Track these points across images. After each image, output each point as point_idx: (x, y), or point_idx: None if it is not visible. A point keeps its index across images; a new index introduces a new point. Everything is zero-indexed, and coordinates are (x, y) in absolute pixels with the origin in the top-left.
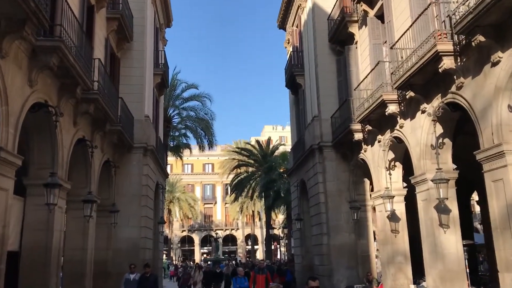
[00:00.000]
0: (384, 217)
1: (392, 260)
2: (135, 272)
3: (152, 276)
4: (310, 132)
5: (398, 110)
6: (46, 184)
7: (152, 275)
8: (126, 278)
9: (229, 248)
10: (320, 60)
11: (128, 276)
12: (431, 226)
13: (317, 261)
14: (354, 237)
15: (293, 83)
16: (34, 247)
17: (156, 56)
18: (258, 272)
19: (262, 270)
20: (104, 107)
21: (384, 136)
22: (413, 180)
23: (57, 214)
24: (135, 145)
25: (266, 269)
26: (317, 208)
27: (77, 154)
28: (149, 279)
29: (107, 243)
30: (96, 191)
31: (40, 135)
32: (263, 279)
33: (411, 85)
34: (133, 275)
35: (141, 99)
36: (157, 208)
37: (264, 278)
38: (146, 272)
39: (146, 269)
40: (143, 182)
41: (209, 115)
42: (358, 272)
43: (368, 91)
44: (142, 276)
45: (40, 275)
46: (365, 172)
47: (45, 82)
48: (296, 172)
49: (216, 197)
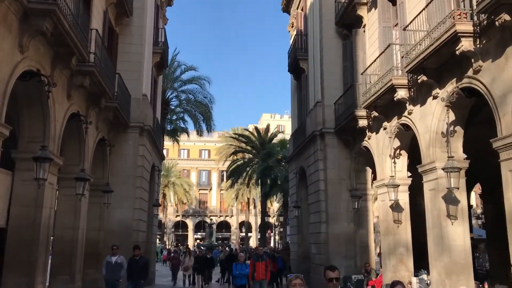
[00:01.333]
0: (386, 207)
1: (393, 251)
2: (118, 254)
3: (142, 260)
4: (312, 118)
5: (407, 96)
6: (35, 158)
7: (143, 258)
8: (107, 261)
9: (223, 235)
10: (326, 44)
11: (110, 259)
12: (438, 217)
13: (314, 249)
14: (353, 227)
15: (296, 67)
16: (21, 224)
17: (156, 33)
18: (257, 259)
19: (261, 257)
20: (100, 81)
21: (390, 123)
22: (421, 168)
23: (47, 191)
24: (132, 124)
25: (266, 256)
26: (316, 195)
27: (70, 130)
28: (138, 263)
29: (99, 223)
30: (89, 169)
31: (31, 106)
32: (263, 266)
33: (424, 68)
34: (115, 257)
35: (139, 77)
36: (152, 191)
37: (264, 265)
38: (135, 254)
39: (136, 251)
40: (139, 162)
41: (208, 98)
42: (356, 263)
43: (376, 76)
44: (131, 259)
45: (28, 253)
46: (368, 160)
47: (38, 49)
48: (295, 159)
49: (211, 184)
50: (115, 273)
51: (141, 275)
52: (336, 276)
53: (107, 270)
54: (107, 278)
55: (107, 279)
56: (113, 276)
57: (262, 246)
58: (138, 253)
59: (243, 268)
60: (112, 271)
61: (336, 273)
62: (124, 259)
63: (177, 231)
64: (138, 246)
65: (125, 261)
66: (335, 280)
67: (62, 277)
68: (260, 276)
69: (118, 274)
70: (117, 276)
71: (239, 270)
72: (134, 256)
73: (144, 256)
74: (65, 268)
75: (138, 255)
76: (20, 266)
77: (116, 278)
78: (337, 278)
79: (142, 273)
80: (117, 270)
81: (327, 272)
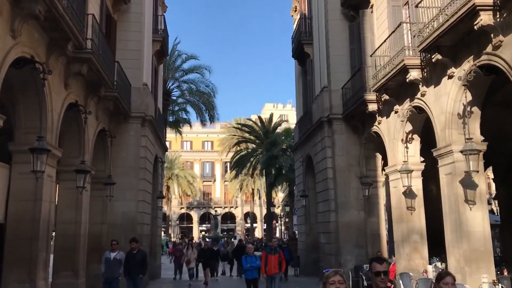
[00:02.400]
0: (399, 194)
1: (407, 239)
2: (117, 251)
3: (140, 254)
4: (318, 104)
5: (420, 77)
6: (32, 149)
7: (140, 251)
8: (105, 258)
9: (228, 226)
10: (331, 27)
11: (108, 255)
12: (455, 202)
13: (323, 239)
14: (363, 215)
15: (300, 52)
16: (20, 219)
17: (155, 21)
18: (270, 252)
19: (274, 249)
20: (98, 68)
21: (402, 106)
22: (436, 152)
23: (46, 184)
24: (133, 114)
25: (279, 249)
26: (325, 184)
27: (69, 121)
28: (135, 257)
29: (102, 217)
30: (90, 161)
31: (27, 95)
32: (276, 259)
33: (438, 47)
34: (114, 253)
35: (139, 65)
36: (156, 182)
37: (277, 258)
38: (132, 248)
39: (132, 244)
40: (141, 154)
41: (210, 87)
42: (368, 251)
43: (386, 58)
44: (128, 253)
45: (28, 248)
46: (378, 146)
47: (31, 35)
48: (301, 147)
49: (215, 175)
50: (114, 270)
51: (139, 270)
52: (384, 270)
53: (106, 267)
54: (106, 276)
55: (106, 276)
56: (113, 273)
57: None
58: (135, 246)
59: (253, 260)
60: (111, 268)
61: (385, 266)
62: (123, 255)
63: (182, 223)
64: (136, 239)
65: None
66: (383, 274)
67: (66, 272)
68: (272, 270)
69: (118, 271)
70: (117, 274)
71: (249, 262)
72: (131, 250)
73: (142, 249)
74: (68, 263)
75: (135, 249)
76: (21, 262)
77: (116, 275)
78: (386, 272)
79: (140, 268)
80: (117, 267)
81: (374, 265)
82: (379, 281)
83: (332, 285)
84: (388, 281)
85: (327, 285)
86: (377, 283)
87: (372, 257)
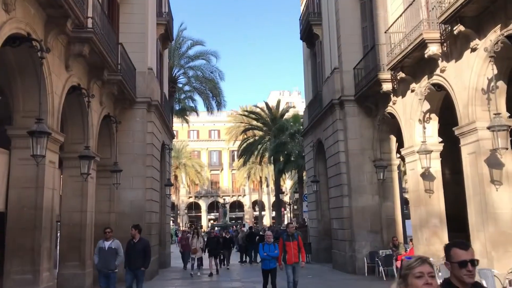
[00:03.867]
0: (417, 176)
1: (426, 223)
2: (112, 239)
3: (141, 243)
4: (329, 86)
5: (440, 51)
6: (31, 132)
7: (142, 240)
8: (99, 247)
9: (236, 214)
10: (342, 5)
11: (102, 244)
12: (479, 183)
13: (336, 225)
14: (378, 199)
15: (309, 34)
16: (22, 207)
17: (159, 4)
18: (287, 238)
19: (292, 235)
20: (101, 50)
21: (419, 84)
22: (458, 131)
23: (48, 170)
24: (138, 100)
25: (297, 234)
26: (337, 168)
27: (72, 105)
28: (136, 247)
29: (109, 205)
30: (95, 148)
31: (25, 77)
32: (295, 246)
33: (461, 17)
34: (108, 242)
35: (143, 49)
36: (164, 170)
37: (296, 245)
38: (133, 236)
39: (132, 231)
40: (148, 140)
41: (217, 74)
42: (383, 237)
43: (401, 34)
44: (129, 243)
45: (30, 238)
46: (392, 128)
47: (27, 10)
48: (311, 132)
49: (222, 164)
50: (108, 261)
51: (140, 262)
52: (471, 258)
53: (100, 257)
54: (100, 268)
55: (100, 268)
56: (107, 265)
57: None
58: (136, 234)
59: (271, 249)
60: (105, 259)
61: (471, 252)
62: (119, 243)
63: (190, 212)
64: (138, 226)
65: (121, 246)
66: (471, 264)
67: (72, 263)
68: (292, 258)
69: (113, 262)
70: (112, 265)
71: (266, 251)
72: (132, 239)
73: (144, 238)
74: (74, 253)
75: (137, 238)
76: (23, 253)
77: (111, 267)
78: (474, 261)
79: (141, 259)
80: (112, 257)
81: (456, 252)
82: (466, 274)
83: (420, 280)
84: (475, 273)
85: (411, 278)
86: (462, 277)
87: (451, 242)
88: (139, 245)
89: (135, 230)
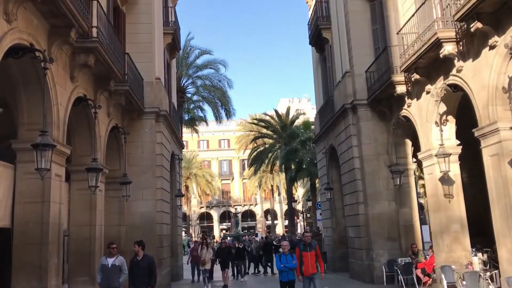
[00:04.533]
0: (435, 180)
1: (446, 229)
2: (116, 255)
3: (146, 260)
4: (340, 90)
5: (456, 51)
6: (35, 145)
7: (146, 257)
8: (101, 264)
9: (248, 224)
10: (351, 7)
11: (105, 261)
12: (504, 186)
13: (352, 233)
14: (395, 205)
15: (318, 38)
16: (28, 222)
17: (165, 13)
18: (304, 248)
19: (309, 245)
20: (106, 59)
21: (435, 85)
22: (478, 132)
23: (54, 184)
24: (146, 110)
25: (314, 244)
26: (351, 175)
27: (79, 117)
28: (140, 265)
29: (119, 218)
30: (103, 160)
31: (29, 89)
32: (312, 256)
33: (478, 13)
34: (112, 259)
35: (150, 59)
36: (174, 180)
37: (314, 255)
38: (136, 254)
39: (136, 248)
40: (157, 151)
41: (226, 82)
42: (401, 244)
43: (414, 35)
44: (132, 260)
45: (37, 254)
46: (407, 131)
47: (29, 21)
48: (323, 138)
49: (233, 173)
50: (112, 279)
51: (146, 281)
52: None
53: (103, 275)
54: (103, 286)
55: (103, 287)
56: (110, 283)
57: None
58: (139, 251)
59: (288, 260)
60: (108, 277)
61: None
62: (123, 260)
63: (202, 223)
64: (140, 242)
65: (125, 262)
66: None
67: (82, 278)
68: (309, 269)
69: (117, 280)
70: (116, 283)
71: (284, 262)
72: (135, 256)
73: (148, 255)
74: (84, 268)
75: (140, 255)
76: (30, 269)
77: (115, 285)
78: None
79: (146, 277)
80: (116, 275)
81: None
82: None
83: None
84: None
85: None
86: None
87: None
88: (143, 262)
89: (139, 246)
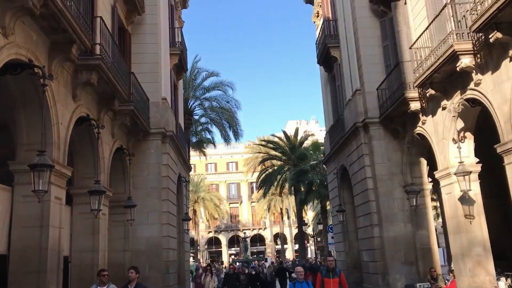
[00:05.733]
0: (454, 200)
1: (468, 253)
2: (108, 283)
3: None
4: (351, 109)
5: (473, 63)
6: (32, 165)
7: (139, 286)
8: None
9: (257, 248)
10: (360, 25)
11: None
12: None
13: (366, 257)
14: (411, 227)
15: (326, 57)
16: (25, 248)
17: (172, 34)
18: (327, 274)
19: (333, 271)
20: (110, 77)
21: (451, 100)
22: (501, 148)
23: (54, 207)
24: (152, 131)
25: (339, 270)
26: (364, 196)
27: (82, 138)
28: None
29: (124, 243)
30: (107, 182)
31: (28, 107)
32: (335, 285)
33: (497, 23)
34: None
35: (156, 79)
36: (181, 204)
37: (337, 283)
38: (130, 281)
39: (131, 273)
40: (163, 173)
41: (233, 103)
42: (419, 268)
43: (427, 50)
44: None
45: (34, 282)
46: (421, 150)
47: (28, 36)
48: (334, 158)
49: (241, 196)
50: None
51: None
52: None
53: None
54: None
55: None
56: None
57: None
58: (134, 278)
59: (304, 287)
60: None
61: None
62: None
63: (210, 248)
64: (134, 268)
65: None
66: None
67: None
68: None
69: None
70: None
71: None
72: (127, 283)
73: (141, 283)
74: None
75: (133, 284)
76: None
77: None
78: None
79: None
80: None
81: None
82: None
83: None
84: None
85: None
86: None
87: None
88: None
89: (136, 273)
